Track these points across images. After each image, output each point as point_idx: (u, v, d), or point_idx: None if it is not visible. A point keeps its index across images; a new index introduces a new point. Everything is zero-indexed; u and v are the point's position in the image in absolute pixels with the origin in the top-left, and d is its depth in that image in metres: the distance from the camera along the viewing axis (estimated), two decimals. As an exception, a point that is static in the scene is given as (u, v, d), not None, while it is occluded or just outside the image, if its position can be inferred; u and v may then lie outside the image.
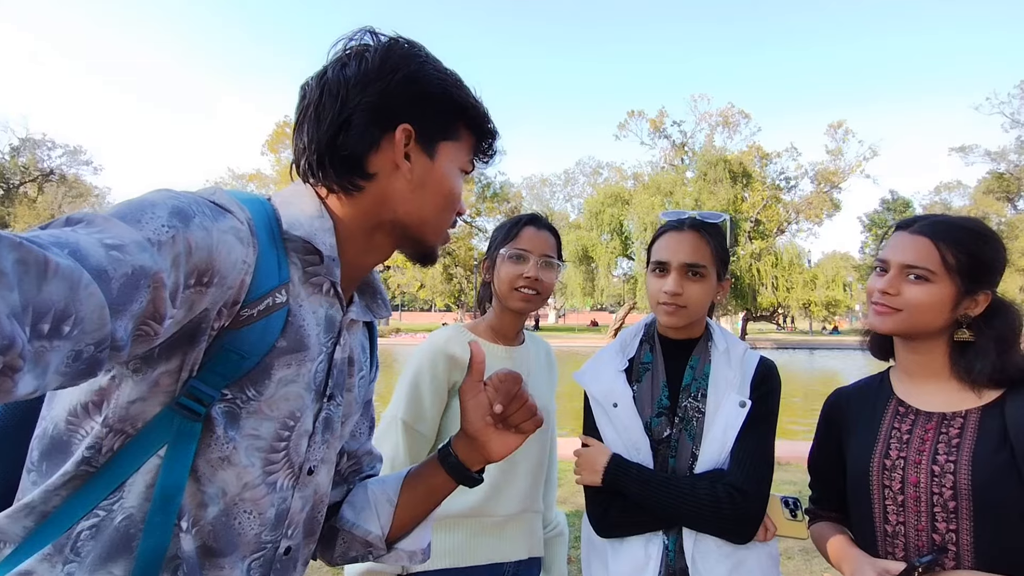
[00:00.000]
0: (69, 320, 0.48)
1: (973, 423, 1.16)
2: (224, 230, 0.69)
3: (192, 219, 0.65)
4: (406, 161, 0.83)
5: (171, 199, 0.65)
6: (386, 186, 0.84)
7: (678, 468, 1.36)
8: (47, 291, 0.46)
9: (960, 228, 1.22)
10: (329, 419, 0.89)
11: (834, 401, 1.43)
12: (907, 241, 1.23)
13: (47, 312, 0.46)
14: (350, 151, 0.81)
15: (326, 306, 0.85)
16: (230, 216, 0.71)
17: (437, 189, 0.87)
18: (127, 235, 0.57)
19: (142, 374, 0.69)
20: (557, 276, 1.66)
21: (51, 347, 0.47)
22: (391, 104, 0.81)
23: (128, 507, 0.70)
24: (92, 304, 0.50)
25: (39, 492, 0.69)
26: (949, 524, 1.13)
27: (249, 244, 0.72)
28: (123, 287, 0.54)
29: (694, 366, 1.43)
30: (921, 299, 1.18)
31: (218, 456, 0.74)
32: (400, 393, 1.59)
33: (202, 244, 0.65)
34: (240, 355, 0.73)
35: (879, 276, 1.26)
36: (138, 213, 0.61)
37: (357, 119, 0.80)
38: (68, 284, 0.48)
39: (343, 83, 0.81)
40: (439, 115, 0.86)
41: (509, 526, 1.57)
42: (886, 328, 1.24)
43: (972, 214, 40.55)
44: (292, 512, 0.85)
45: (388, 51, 0.82)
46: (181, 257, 0.62)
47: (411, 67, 0.82)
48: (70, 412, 0.71)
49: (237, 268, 0.70)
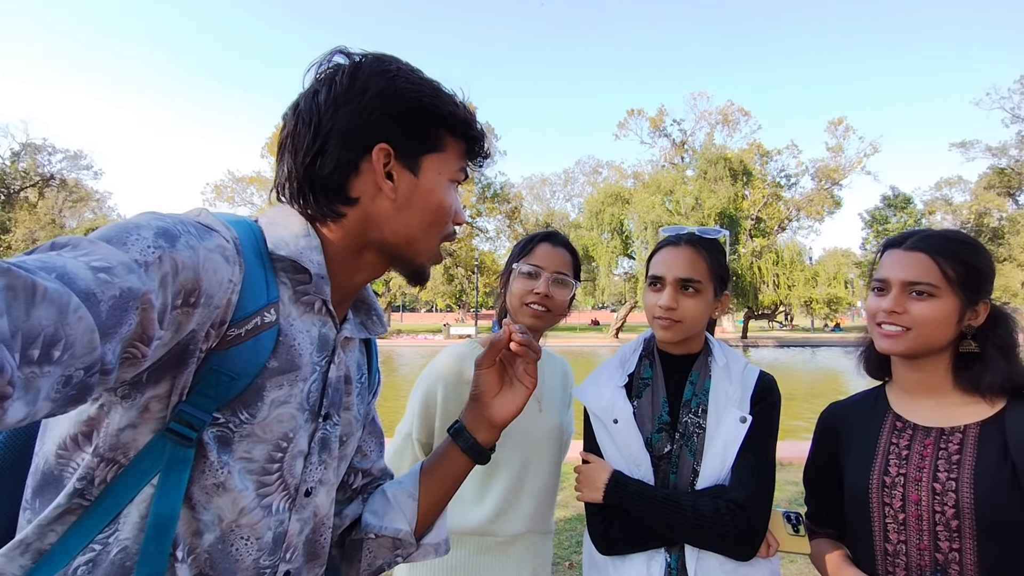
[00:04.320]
0: (59, 345, 0.47)
1: (972, 439, 1.15)
2: (210, 249, 0.68)
3: (178, 239, 0.64)
4: (388, 181, 0.82)
5: (156, 220, 0.64)
6: (370, 208, 0.83)
7: (679, 484, 1.35)
8: (36, 316, 0.45)
9: (952, 241, 1.22)
10: (325, 439, 0.87)
11: (829, 415, 1.42)
12: (904, 258, 1.22)
13: (36, 337, 0.45)
14: (328, 178, 0.80)
15: (319, 324, 0.84)
16: (216, 235, 0.70)
17: (424, 205, 0.86)
18: (114, 257, 0.56)
19: (131, 400, 0.68)
20: (571, 294, 1.63)
21: (41, 373, 0.46)
22: (364, 125, 0.80)
23: (123, 539, 0.69)
24: (82, 328, 0.49)
25: (32, 528, 0.68)
26: (952, 543, 1.12)
27: (235, 263, 0.72)
28: (112, 309, 0.53)
29: (694, 381, 1.43)
30: (929, 315, 1.17)
31: (212, 482, 0.73)
32: (413, 411, 1.59)
33: (188, 263, 0.64)
34: (230, 376, 0.72)
35: (879, 297, 1.25)
36: (124, 235, 0.60)
37: (332, 145, 0.79)
38: (57, 308, 0.47)
39: (315, 110, 0.80)
40: (417, 129, 0.84)
41: (514, 546, 1.56)
42: (898, 350, 1.22)
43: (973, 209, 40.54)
44: (290, 535, 0.83)
45: (355, 72, 0.81)
46: (168, 277, 0.61)
47: (380, 84, 0.81)
48: (60, 445, 0.70)
49: (223, 287, 0.69)
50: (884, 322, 1.22)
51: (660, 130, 39.58)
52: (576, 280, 1.66)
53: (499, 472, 1.55)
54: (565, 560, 3.66)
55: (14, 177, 38.00)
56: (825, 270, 33.53)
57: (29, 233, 35.71)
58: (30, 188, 38.49)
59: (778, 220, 37.12)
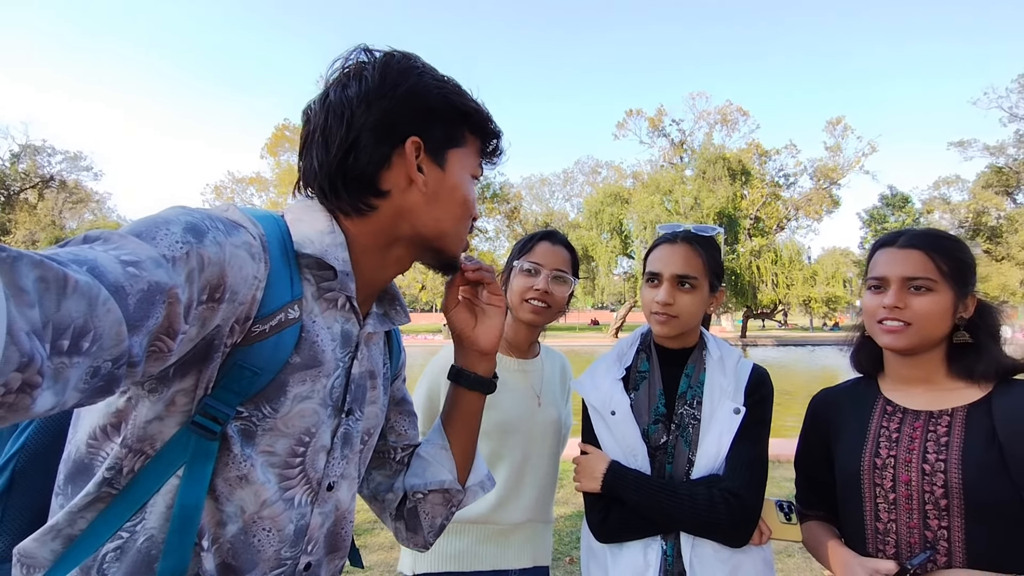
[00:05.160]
0: (88, 336, 0.48)
1: (960, 421, 1.19)
2: (237, 245, 0.69)
3: (206, 235, 0.65)
4: (420, 174, 0.84)
5: (185, 215, 0.65)
6: (401, 202, 0.84)
7: (675, 474, 1.39)
8: (66, 308, 0.46)
9: (941, 237, 1.28)
10: (348, 434, 0.88)
11: (820, 401, 1.46)
12: (900, 256, 1.26)
13: (66, 329, 0.46)
14: (361, 171, 0.82)
15: (342, 321, 0.85)
16: (243, 231, 0.72)
17: (452, 198, 0.88)
18: (143, 251, 0.57)
19: (158, 394, 0.70)
20: (570, 291, 1.69)
21: (70, 363, 0.47)
22: (397, 120, 0.82)
23: (150, 528, 0.71)
24: (110, 320, 0.50)
25: (63, 514, 0.71)
26: (941, 522, 1.16)
27: (261, 260, 0.73)
28: (139, 303, 0.54)
29: (689, 374, 1.47)
30: (929, 309, 1.22)
31: (236, 475, 0.75)
32: (417, 406, 1.63)
33: (215, 259, 0.65)
34: (253, 371, 0.73)
35: (877, 294, 1.28)
36: (153, 230, 0.61)
37: (365, 139, 0.81)
38: (87, 300, 0.48)
39: (346, 104, 0.81)
40: (444, 124, 0.86)
41: (515, 535, 1.61)
42: (899, 345, 1.25)
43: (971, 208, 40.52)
44: (312, 528, 0.85)
45: (385, 67, 0.83)
46: (195, 272, 0.62)
47: (411, 80, 0.83)
48: (90, 435, 0.72)
49: (249, 283, 0.71)
50: (886, 318, 1.25)
51: (659, 130, 39.57)
52: (574, 277, 1.71)
53: (500, 464, 1.59)
54: (566, 555, 3.70)
55: (14, 178, 37.96)
56: (824, 269, 33.62)
57: (29, 234, 35.67)
58: (30, 189, 38.45)
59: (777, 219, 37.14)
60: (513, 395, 1.64)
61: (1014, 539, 1.11)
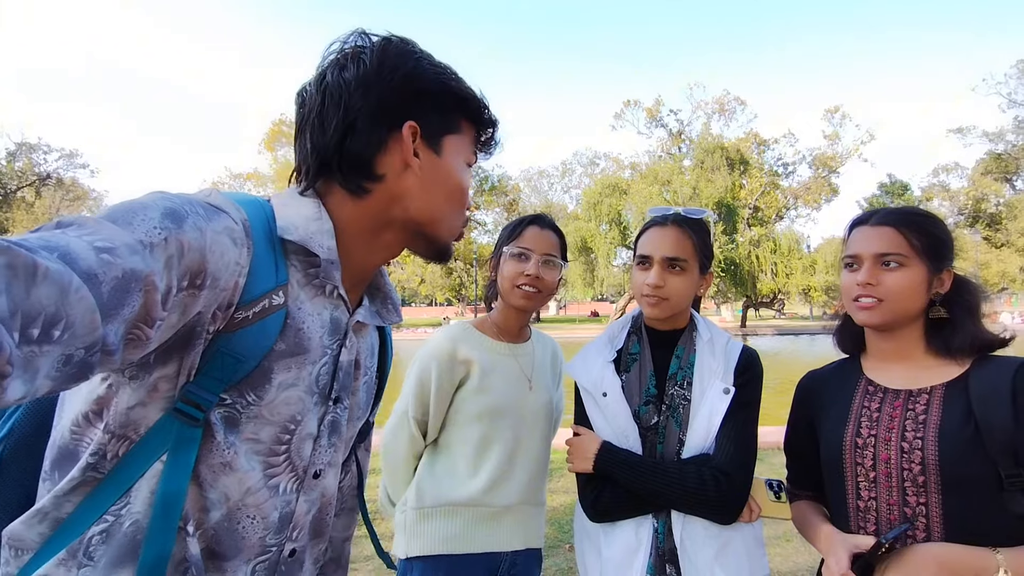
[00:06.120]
0: (59, 324, 0.47)
1: (938, 399, 1.21)
2: (218, 231, 0.68)
3: (185, 220, 0.64)
4: (415, 159, 0.83)
5: (164, 200, 0.64)
6: (395, 186, 0.84)
7: (666, 454, 1.41)
8: (36, 295, 0.45)
9: (913, 213, 1.29)
10: (336, 422, 0.88)
11: (806, 383, 1.48)
12: (872, 233, 1.28)
13: (36, 317, 0.45)
14: (358, 154, 0.81)
15: (331, 308, 0.84)
16: (225, 216, 0.71)
17: (446, 184, 0.87)
18: (118, 237, 0.56)
19: (139, 380, 0.69)
20: (560, 275, 1.70)
21: (40, 352, 0.46)
22: (394, 103, 0.81)
23: (135, 512, 0.71)
24: (82, 308, 0.49)
25: (50, 498, 0.71)
26: (919, 498, 1.17)
27: (244, 245, 0.72)
28: (114, 290, 0.53)
29: (680, 356, 1.48)
30: (901, 284, 1.23)
31: (219, 462, 0.74)
32: (408, 390, 1.65)
33: (195, 245, 0.64)
34: (236, 358, 0.73)
35: (852, 272, 1.30)
36: (130, 215, 0.60)
37: (362, 122, 0.80)
38: (58, 288, 0.47)
39: (344, 87, 0.80)
40: (441, 110, 0.86)
41: (507, 517, 1.62)
42: (874, 321, 1.27)
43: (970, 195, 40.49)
44: (297, 515, 0.85)
45: (384, 51, 0.82)
46: (174, 259, 0.61)
47: (409, 64, 0.82)
48: (73, 422, 0.72)
49: (230, 269, 0.69)
50: (860, 295, 1.27)
51: (657, 120, 39.48)
52: (564, 261, 1.71)
53: (492, 447, 1.61)
54: (565, 543, 3.73)
55: (10, 177, 37.93)
56: (823, 258, 33.58)
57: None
58: (27, 187, 38.40)
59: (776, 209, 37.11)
60: (504, 379, 1.65)
61: (991, 514, 1.13)
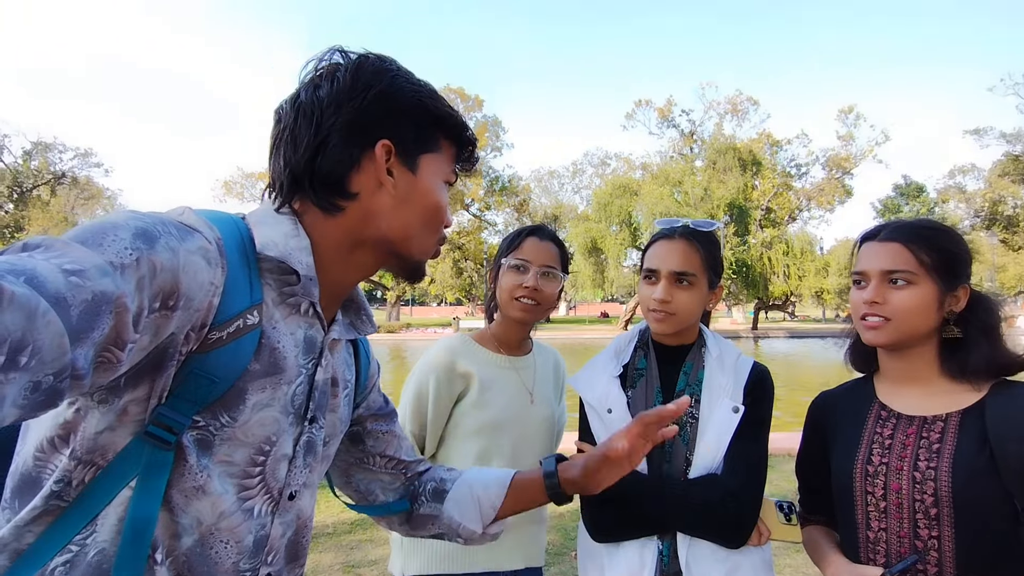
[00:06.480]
0: (26, 351, 0.46)
1: (954, 427, 1.16)
2: (191, 251, 0.67)
3: (157, 240, 0.62)
4: (389, 177, 0.82)
5: (135, 220, 0.63)
6: (369, 204, 0.83)
7: (672, 473, 1.37)
8: (1, 322, 0.44)
9: (924, 227, 1.23)
10: (311, 442, 0.86)
11: (819, 405, 1.43)
12: (879, 249, 1.23)
13: (2, 343, 0.44)
14: (329, 172, 0.80)
15: (305, 327, 0.83)
16: (198, 235, 0.69)
17: (422, 203, 0.86)
18: (87, 259, 0.54)
19: (108, 404, 0.67)
20: (559, 287, 1.67)
21: (7, 379, 0.45)
22: (367, 121, 0.81)
23: (101, 541, 0.69)
24: (50, 333, 0.48)
25: (10, 528, 0.68)
26: (931, 531, 1.13)
27: (217, 265, 0.70)
28: (83, 314, 0.52)
29: (687, 372, 1.45)
30: (908, 303, 1.18)
31: (192, 486, 0.72)
32: (405, 404, 1.63)
33: (167, 266, 0.62)
34: (210, 379, 0.71)
35: (860, 290, 1.26)
36: (99, 236, 0.58)
37: (334, 139, 0.79)
38: (24, 313, 0.46)
39: (317, 104, 0.80)
40: (417, 128, 0.85)
41: (506, 535, 1.58)
42: (881, 341, 1.22)
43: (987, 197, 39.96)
44: (272, 539, 0.83)
45: (359, 68, 0.81)
46: (145, 280, 0.60)
47: (383, 82, 0.81)
48: (37, 448, 0.70)
49: (204, 290, 0.68)
50: (867, 314, 1.22)
51: (668, 120, 39.30)
52: (564, 273, 1.68)
53: (492, 462, 1.57)
54: (571, 550, 3.70)
55: (26, 176, 38.44)
56: (836, 260, 33.25)
57: (43, 231, 36.00)
58: (42, 186, 38.91)
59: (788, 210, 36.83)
60: (504, 393, 1.62)
61: (1006, 549, 1.08)
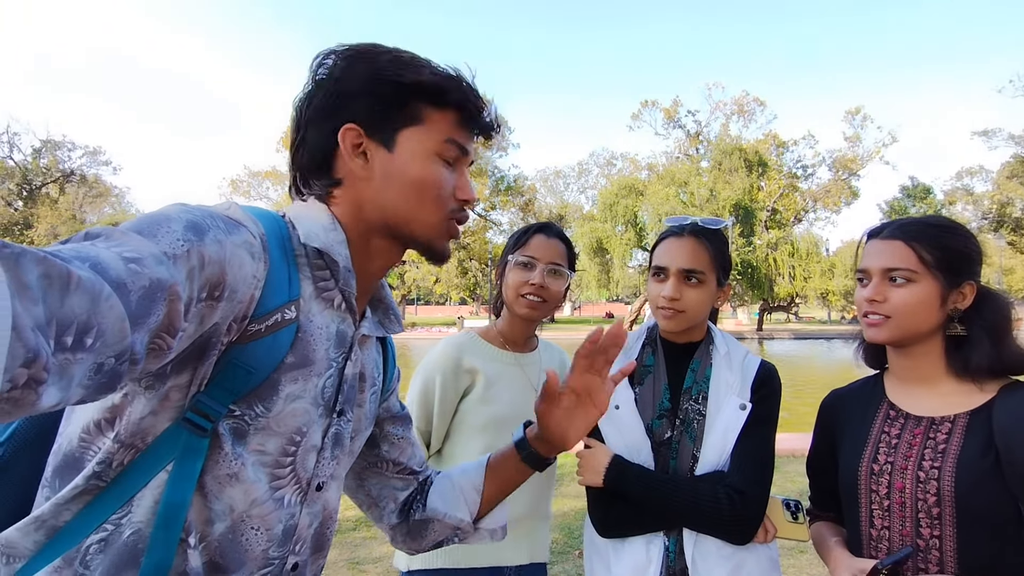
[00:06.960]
0: (91, 332, 0.48)
1: (961, 428, 1.16)
2: (237, 244, 0.69)
3: (207, 233, 0.65)
4: (358, 160, 0.84)
5: (186, 213, 0.66)
6: (355, 189, 0.85)
7: (679, 470, 1.38)
8: (70, 304, 0.46)
9: (927, 225, 1.22)
10: (339, 435, 0.88)
11: (829, 403, 1.43)
12: (881, 247, 1.23)
13: (70, 325, 0.46)
14: (308, 163, 0.86)
15: (337, 321, 0.85)
16: (244, 230, 0.72)
17: (402, 179, 0.84)
18: (144, 248, 0.57)
19: (154, 390, 0.70)
20: (566, 284, 1.67)
21: (74, 359, 0.47)
22: (333, 109, 0.83)
23: (136, 522, 0.71)
24: (113, 316, 0.50)
25: (49, 506, 0.71)
26: (933, 530, 1.13)
27: (260, 259, 0.73)
28: (141, 300, 0.54)
29: (695, 369, 1.45)
30: (908, 300, 1.18)
31: (226, 473, 0.75)
32: (412, 400, 1.63)
33: (215, 258, 0.65)
34: (247, 370, 0.73)
35: (862, 288, 1.26)
36: (154, 227, 0.61)
37: (310, 133, 0.84)
38: (90, 297, 0.48)
39: (298, 105, 0.86)
40: (386, 105, 0.82)
41: (511, 531, 1.59)
42: (881, 338, 1.23)
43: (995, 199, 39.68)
44: (300, 528, 0.85)
45: (335, 62, 0.84)
46: (195, 270, 0.62)
47: (344, 66, 0.83)
48: (83, 429, 0.72)
49: (248, 282, 0.71)
50: (868, 311, 1.23)
51: (674, 121, 39.21)
52: (571, 270, 1.68)
53: None
54: (575, 549, 3.70)
55: (36, 173, 38.68)
56: (842, 261, 33.17)
57: (51, 228, 36.25)
58: (51, 184, 39.14)
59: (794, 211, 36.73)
60: (510, 389, 1.63)
61: (1007, 551, 1.08)
